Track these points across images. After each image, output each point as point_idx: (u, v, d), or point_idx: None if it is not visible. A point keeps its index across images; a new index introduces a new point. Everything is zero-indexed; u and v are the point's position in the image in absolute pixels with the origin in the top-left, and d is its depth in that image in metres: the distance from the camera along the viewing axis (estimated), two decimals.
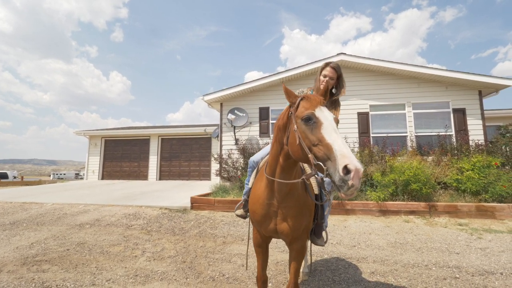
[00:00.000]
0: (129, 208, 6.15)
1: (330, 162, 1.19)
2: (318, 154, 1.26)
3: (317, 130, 1.31)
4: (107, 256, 3.49)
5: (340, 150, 1.17)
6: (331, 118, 1.36)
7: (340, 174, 1.11)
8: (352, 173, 1.09)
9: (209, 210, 5.96)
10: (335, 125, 1.33)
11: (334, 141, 1.22)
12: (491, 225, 4.77)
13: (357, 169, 1.09)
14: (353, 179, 1.09)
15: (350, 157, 1.13)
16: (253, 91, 8.99)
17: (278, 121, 1.63)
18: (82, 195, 8.18)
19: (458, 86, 7.88)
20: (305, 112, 1.37)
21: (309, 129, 1.34)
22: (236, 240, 4.15)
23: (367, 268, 3.12)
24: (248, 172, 2.32)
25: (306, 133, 1.34)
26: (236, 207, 2.32)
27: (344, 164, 1.11)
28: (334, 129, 1.29)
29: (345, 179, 1.10)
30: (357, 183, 1.10)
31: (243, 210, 2.28)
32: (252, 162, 2.24)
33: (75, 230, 4.64)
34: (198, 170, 13.46)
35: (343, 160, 1.12)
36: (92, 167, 14.52)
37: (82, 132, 14.67)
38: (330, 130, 1.28)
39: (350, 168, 1.10)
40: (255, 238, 1.95)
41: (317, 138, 1.28)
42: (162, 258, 3.43)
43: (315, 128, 1.32)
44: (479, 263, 3.22)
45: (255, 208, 1.83)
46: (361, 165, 1.13)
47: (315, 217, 1.97)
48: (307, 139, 1.33)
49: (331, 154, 1.19)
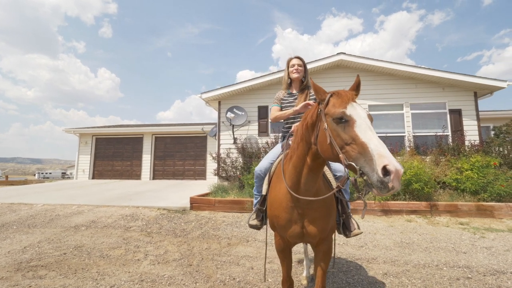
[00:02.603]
0: (126, 208, 5.94)
1: (365, 162, 1.11)
2: (352, 154, 1.18)
3: (350, 128, 1.22)
4: (108, 260, 3.32)
5: (377, 149, 1.09)
6: (365, 115, 1.26)
7: (379, 175, 1.03)
8: (392, 174, 1.01)
9: (209, 211, 5.82)
10: (370, 122, 1.25)
11: (370, 140, 1.13)
12: (491, 224, 4.83)
13: (397, 170, 1.01)
14: (393, 181, 1.01)
15: (389, 157, 1.05)
16: (252, 89, 8.88)
17: (305, 120, 1.53)
18: (73, 195, 7.88)
19: (454, 87, 8.01)
20: (337, 110, 1.29)
21: (341, 127, 1.25)
22: (241, 242, 4.04)
23: (378, 269, 3.07)
24: (255, 183, 2.19)
25: (337, 131, 1.26)
26: (249, 218, 2.17)
27: (383, 164, 1.03)
28: (368, 127, 1.20)
29: (385, 181, 1.02)
30: (398, 185, 1.02)
31: (257, 220, 2.14)
32: (259, 171, 2.13)
33: (71, 232, 4.42)
34: (193, 170, 13.25)
35: (382, 160, 1.04)
36: (82, 166, 14.07)
37: (72, 130, 14.20)
38: (365, 128, 1.19)
39: (390, 169, 1.01)
40: (278, 244, 1.84)
41: (350, 136, 1.20)
42: (167, 262, 3.29)
43: (347, 126, 1.23)
44: (488, 262, 3.23)
45: (278, 213, 1.72)
46: (401, 166, 1.04)
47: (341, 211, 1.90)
48: (338, 138, 1.25)
49: (367, 153, 1.11)
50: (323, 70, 8.80)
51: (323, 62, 8.39)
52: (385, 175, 1.02)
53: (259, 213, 2.09)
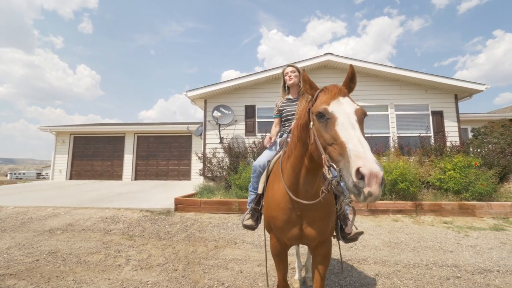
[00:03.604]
0: (106, 210, 5.63)
1: (343, 164, 1.00)
2: (333, 154, 1.08)
3: (331, 126, 1.12)
4: (85, 266, 3.07)
5: (355, 149, 0.98)
6: (351, 110, 1.14)
7: (353, 179, 0.92)
8: (366, 178, 0.89)
9: (194, 212, 5.62)
10: (355, 118, 1.12)
11: (349, 139, 1.03)
12: (473, 223, 4.97)
13: (372, 172, 0.89)
14: (369, 185, 0.89)
15: (365, 157, 0.93)
16: (239, 88, 8.74)
17: (299, 119, 1.44)
18: (49, 196, 7.40)
19: (436, 89, 8.26)
20: (319, 106, 1.19)
21: (323, 125, 1.15)
22: (228, 244, 3.90)
23: (370, 270, 3.03)
24: (252, 179, 2.10)
25: (320, 130, 1.17)
26: (243, 218, 2.06)
27: (357, 166, 0.91)
28: (351, 124, 1.09)
29: (359, 186, 0.91)
30: (376, 191, 0.89)
31: (251, 220, 2.03)
32: (258, 167, 2.05)
33: (44, 237, 4.10)
34: (177, 170, 12.90)
35: (356, 162, 0.93)
36: (59, 166, 13.35)
37: (48, 128, 13.43)
38: (346, 125, 1.08)
39: (363, 172, 0.90)
40: (274, 247, 1.73)
41: (331, 136, 1.10)
42: (151, 267, 3.09)
43: (329, 124, 1.13)
44: (474, 261, 3.28)
45: (276, 214, 1.61)
46: (380, 167, 0.91)
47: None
48: (321, 138, 1.15)
49: (345, 154, 1.00)
50: (310, 70, 8.81)
51: (310, 62, 8.40)
52: (360, 178, 0.91)
53: (254, 213, 1.97)
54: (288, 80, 2.40)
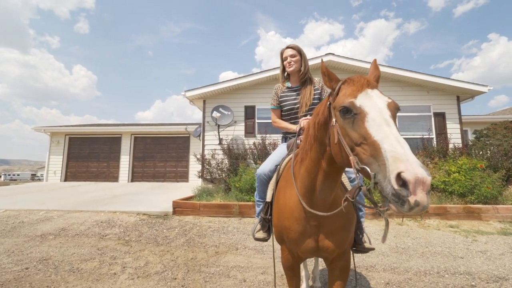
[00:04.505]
0: (101, 214, 5.43)
1: (378, 167, 0.84)
2: (362, 156, 0.92)
3: (360, 123, 0.95)
4: (78, 275, 2.89)
5: (392, 150, 0.81)
6: (383, 104, 0.98)
7: (393, 185, 0.76)
8: (410, 185, 0.73)
9: (193, 216, 5.44)
10: (389, 113, 0.96)
11: (384, 138, 0.86)
12: (479, 227, 4.85)
13: (417, 178, 0.72)
14: (414, 193, 0.73)
15: (407, 160, 0.77)
16: (239, 88, 8.58)
17: (317, 116, 1.26)
18: (42, 199, 7.17)
19: (438, 91, 8.18)
20: (344, 100, 1.02)
21: (350, 122, 0.99)
22: (230, 250, 3.73)
23: (380, 278, 2.88)
24: (257, 188, 1.92)
25: (346, 128, 1.00)
26: (254, 230, 1.86)
27: (397, 171, 0.76)
28: (384, 120, 0.92)
29: (401, 194, 0.74)
30: (424, 200, 0.73)
31: (263, 231, 1.83)
32: (262, 175, 1.85)
33: (36, 242, 3.89)
34: (174, 171, 12.69)
35: (396, 165, 0.77)
36: (54, 168, 13.06)
37: (42, 128, 13.15)
38: (379, 122, 0.92)
39: (406, 178, 0.74)
40: (286, 260, 1.55)
41: (360, 134, 0.94)
42: (148, 275, 2.91)
43: (357, 121, 0.96)
44: (487, 268, 3.14)
45: (289, 224, 1.43)
46: (427, 171, 0.75)
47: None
48: (347, 137, 0.99)
49: (379, 156, 0.84)
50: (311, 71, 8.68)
51: (311, 62, 8.26)
52: (402, 186, 0.75)
53: (265, 223, 1.80)
54: (288, 67, 2.10)
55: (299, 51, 2.10)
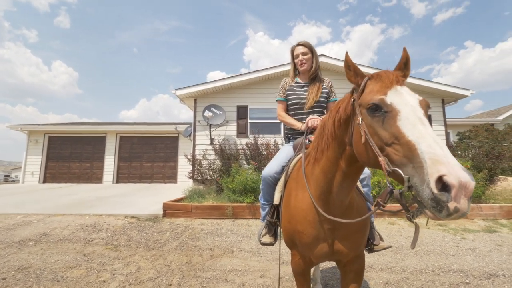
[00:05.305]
0: (86, 217, 5.16)
1: (413, 170, 0.79)
2: (394, 158, 0.86)
3: (391, 122, 0.89)
4: (64, 284, 2.69)
5: (430, 151, 0.76)
6: (415, 102, 0.93)
7: (433, 190, 0.71)
8: (453, 190, 0.68)
9: (185, 218, 5.29)
10: (422, 112, 0.91)
11: (420, 138, 0.81)
12: (466, 225, 5.01)
13: (461, 183, 0.68)
14: (456, 199, 0.69)
15: (448, 162, 0.72)
16: (231, 88, 8.45)
17: (337, 113, 1.18)
18: (19, 202, 6.74)
19: (425, 94, 8.40)
20: (372, 97, 0.96)
21: (379, 121, 0.93)
22: (225, 253, 3.63)
23: (378, 278, 2.88)
24: (262, 190, 1.84)
25: (374, 127, 0.94)
26: (260, 234, 1.78)
27: (439, 174, 0.71)
28: (419, 119, 0.87)
29: (441, 200, 0.70)
30: (465, 207, 0.69)
31: (269, 235, 1.76)
32: (269, 177, 1.76)
33: (14, 249, 3.62)
34: (162, 172, 12.38)
35: (436, 168, 0.72)
36: (31, 168, 12.39)
37: (19, 127, 12.43)
38: (413, 121, 0.86)
39: (449, 182, 0.69)
40: (297, 265, 1.48)
41: (392, 134, 0.88)
42: (141, 282, 2.76)
43: (388, 119, 0.90)
44: (478, 265, 3.22)
45: (302, 228, 1.36)
46: (470, 175, 0.71)
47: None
48: (376, 136, 0.93)
49: (415, 157, 0.79)
50: None
51: None
52: (441, 190, 0.70)
53: (271, 227, 1.73)
54: (300, 66, 2.06)
55: (311, 48, 2.05)
